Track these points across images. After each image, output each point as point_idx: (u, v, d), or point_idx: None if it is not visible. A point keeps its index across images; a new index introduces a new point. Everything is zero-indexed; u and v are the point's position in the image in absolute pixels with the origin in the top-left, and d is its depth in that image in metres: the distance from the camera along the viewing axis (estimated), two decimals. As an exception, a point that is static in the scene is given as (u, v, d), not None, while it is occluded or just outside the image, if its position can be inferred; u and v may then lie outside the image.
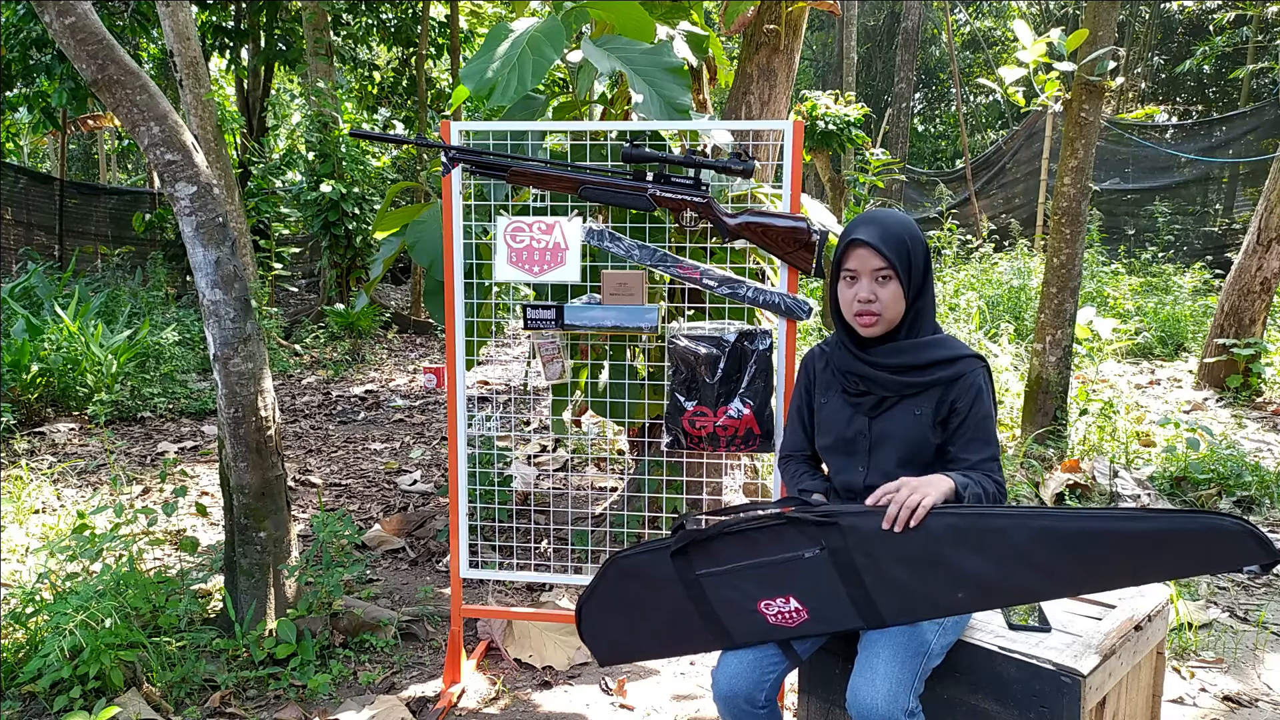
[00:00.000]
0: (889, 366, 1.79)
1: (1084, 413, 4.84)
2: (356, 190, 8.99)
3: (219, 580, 3.03)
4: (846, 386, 1.85)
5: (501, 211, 2.71)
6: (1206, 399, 5.96)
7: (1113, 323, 6.31)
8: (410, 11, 12.32)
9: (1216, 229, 10.83)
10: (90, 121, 12.82)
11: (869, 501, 1.67)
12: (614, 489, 4.30)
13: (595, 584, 1.91)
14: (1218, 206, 11.11)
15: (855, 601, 1.68)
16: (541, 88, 3.48)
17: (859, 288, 1.77)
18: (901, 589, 1.65)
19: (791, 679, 2.47)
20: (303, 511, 4.20)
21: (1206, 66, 15.12)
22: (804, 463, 2.02)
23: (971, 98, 22.27)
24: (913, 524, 1.61)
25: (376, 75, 14.25)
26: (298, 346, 8.69)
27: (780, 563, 1.71)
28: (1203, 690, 2.62)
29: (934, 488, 1.64)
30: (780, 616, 1.73)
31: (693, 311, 2.94)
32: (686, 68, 2.71)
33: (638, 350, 2.94)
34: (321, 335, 8.83)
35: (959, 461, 1.77)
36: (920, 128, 22.99)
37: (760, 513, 1.77)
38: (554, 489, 4.37)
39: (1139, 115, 12.76)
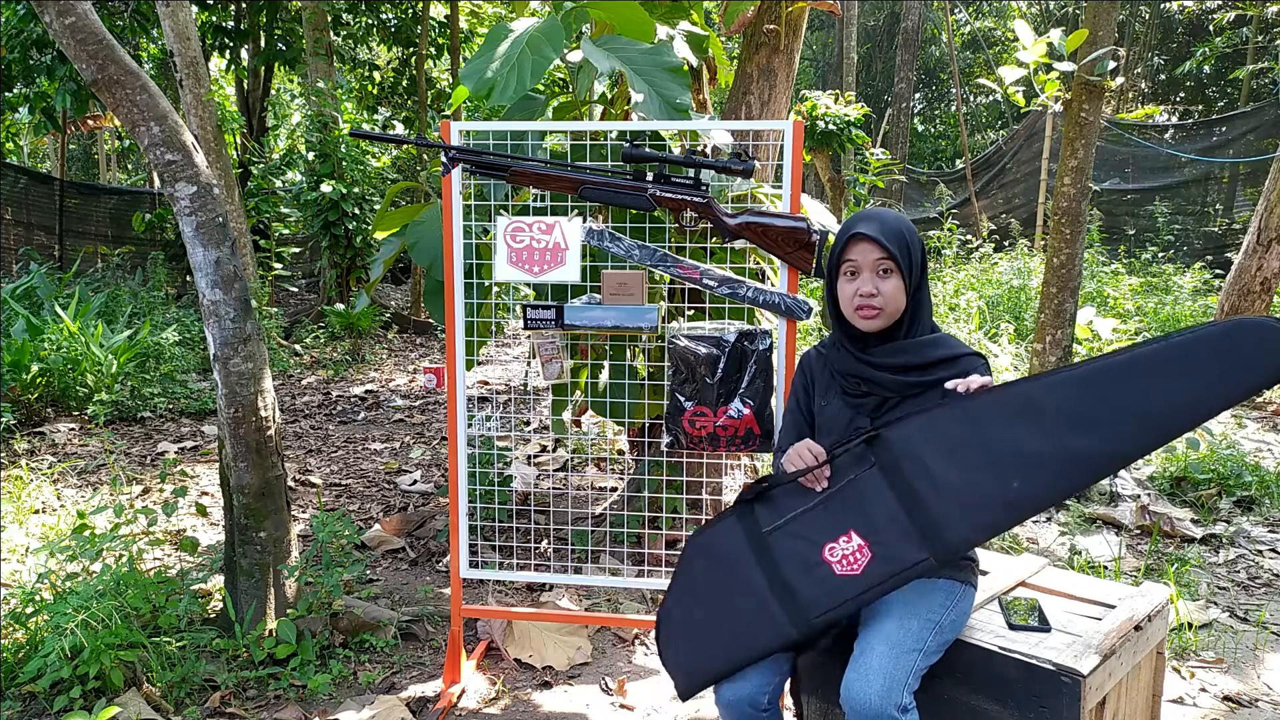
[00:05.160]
0: (890, 366, 1.79)
1: (1084, 413, 4.84)
2: (356, 190, 8.98)
3: (219, 580, 3.03)
4: (847, 388, 1.85)
5: (501, 211, 2.71)
6: (1206, 399, 5.95)
7: (1113, 323, 6.28)
8: (410, 11, 12.32)
9: (1216, 229, 10.82)
10: (90, 121, 12.82)
11: None
12: (614, 489, 4.30)
13: (676, 572, 1.90)
14: (1218, 206, 11.10)
15: (914, 520, 1.66)
16: (541, 88, 3.48)
17: (860, 282, 1.77)
18: (955, 492, 1.64)
19: (791, 679, 2.47)
20: (303, 511, 4.20)
21: (1206, 67, 15.11)
22: None
23: (971, 98, 22.26)
24: (973, 388, 1.65)
25: (376, 75, 14.24)
26: (298, 346, 8.69)
27: (835, 493, 1.74)
28: (1203, 690, 2.62)
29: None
30: (845, 562, 1.70)
31: (693, 311, 2.94)
32: (686, 68, 2.71)
33: (638, 350, 2.94)
34: (321, 335, 8.83)
35: None
36: (920, 128, 22.98)
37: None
38: (554, 489, 4.36)
39: (1139, 115, 12.75)
